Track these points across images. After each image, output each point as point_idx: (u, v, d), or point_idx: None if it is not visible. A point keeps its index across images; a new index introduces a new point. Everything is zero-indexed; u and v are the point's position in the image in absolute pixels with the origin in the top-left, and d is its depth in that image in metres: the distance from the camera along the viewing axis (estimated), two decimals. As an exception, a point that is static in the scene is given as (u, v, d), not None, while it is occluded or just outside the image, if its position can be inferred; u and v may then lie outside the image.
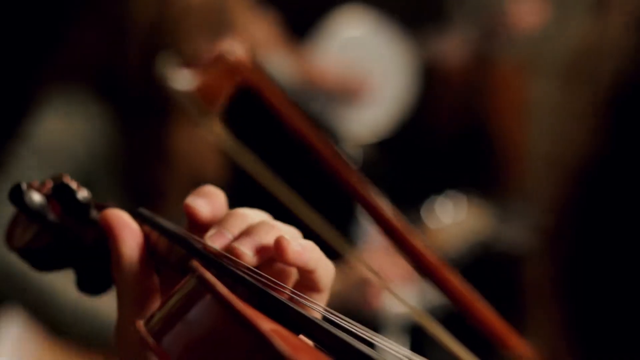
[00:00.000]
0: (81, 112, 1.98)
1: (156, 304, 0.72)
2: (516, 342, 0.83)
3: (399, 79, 3.43)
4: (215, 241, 0.71)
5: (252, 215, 0.73)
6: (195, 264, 0.66)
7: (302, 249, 0.70)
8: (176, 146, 2.01)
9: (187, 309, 0.63)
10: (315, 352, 0.66)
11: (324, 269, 0.72)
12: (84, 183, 0.74)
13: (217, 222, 0.72)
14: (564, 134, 0.72)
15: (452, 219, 2.39)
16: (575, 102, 0.73)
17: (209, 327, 0.61)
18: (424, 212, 2.44)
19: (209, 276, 0.64)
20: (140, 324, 0.65)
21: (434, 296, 2.73)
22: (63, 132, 1.95)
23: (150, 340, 0.63)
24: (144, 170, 2.01)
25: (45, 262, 0.79)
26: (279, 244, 0.69)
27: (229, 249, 0.70)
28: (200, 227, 0.74)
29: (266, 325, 0.62)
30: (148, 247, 0.74)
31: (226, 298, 0.61)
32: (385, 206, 0.82)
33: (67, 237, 0.77)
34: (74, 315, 1.88)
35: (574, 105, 0.73)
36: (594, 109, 0.71)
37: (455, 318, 0.95)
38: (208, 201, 0.74)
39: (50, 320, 1.89)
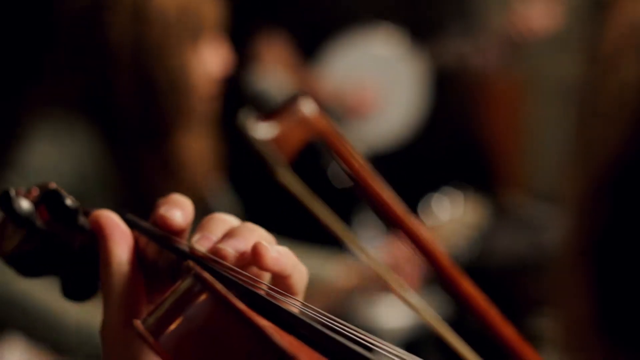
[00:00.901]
0: (68, 135, 2.00)
1: (142, 307, 0.74)
2: (530, 354, 0.85)
3: (410, 94, 3.46)
4: (203, 244, 0.73)
5: (231, 220, 0.76)
6: (191, 263, 0.68)
7: (278, 255, 0.72)
8: (174, 155, 2.03)
9: (185, 306, 0.65)
10: (309, 351, 0.68)
11: (299, 274, 0.75)
12: None
13: (199, 228, 0.75)
14: (593, 136, 0.76)
15: (450, 216, 2.37)
16: (604, 104, 0.77)
17: (208, 324, 0.63)
18: (421, 210, 2.43)
19: (207, 275, 0.66)
20: (138, 322, 0.66)
21: (435, 306, 2.77)
22: (51, 156, 1.97)
23: (151, 339, 0.64)
24: (144, 183, 2.02)
25: (32, 268, 0.80)
26: (256, 250, 0.72)
27: (214, 250, 0.72)
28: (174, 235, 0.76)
29: (263, 322, 0.65)
30: (137, 251, 0.76)
31: (224, 295, 0.64)
32: (403, 209, 0.85)
33: (55, 243, 0.78)
34: (78, 336, 1.90)
35: (603, 107, 0.77)
36: (622, 111, 0.75)
37: (457, 329, 0.98)
38: (181, 210, 0.76)
39: (54, 343, 1.91)
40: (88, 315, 1.89)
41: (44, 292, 1.89)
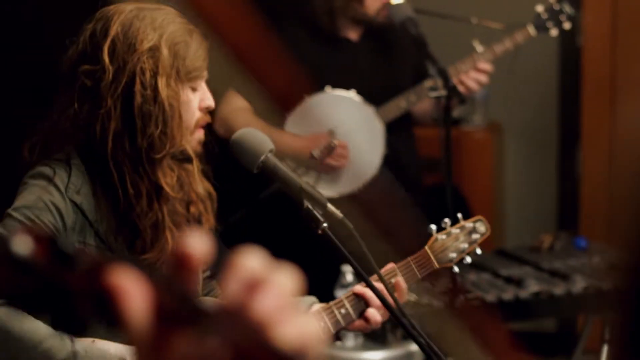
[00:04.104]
0: (66, 171, 2.07)
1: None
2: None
3: (372, 139, 3.45)
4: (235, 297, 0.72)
5: (255, 263, 0.75)
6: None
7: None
8: (161, 182, 2.09)
9: None
10: None
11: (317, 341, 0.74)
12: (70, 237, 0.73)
13: (225, 276, 0.74)
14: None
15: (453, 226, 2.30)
16: None
17: None
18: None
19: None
20: None
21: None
22: (49, 192, 2.02)
23: None
24: (134, 209, 2.08)
25: (25, 307, 0.78)
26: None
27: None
28: (188, 270, 0.76)
29: None
30: (154, 301, 0.75)
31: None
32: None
33: (49, 284, 0.77)
34: None
35: None
36: None
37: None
38: (199, 243, 0.75)
39: None
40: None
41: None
